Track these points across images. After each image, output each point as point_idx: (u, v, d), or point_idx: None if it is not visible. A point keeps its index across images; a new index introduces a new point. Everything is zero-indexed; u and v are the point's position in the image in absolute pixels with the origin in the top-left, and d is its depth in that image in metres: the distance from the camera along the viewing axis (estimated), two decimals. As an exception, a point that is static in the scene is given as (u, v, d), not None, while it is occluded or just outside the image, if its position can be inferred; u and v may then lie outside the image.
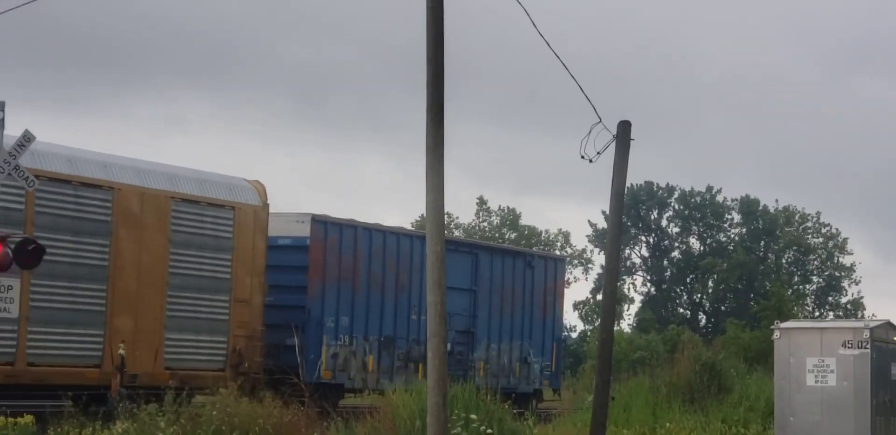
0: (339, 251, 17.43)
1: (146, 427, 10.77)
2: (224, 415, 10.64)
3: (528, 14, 8.15)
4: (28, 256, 11.62)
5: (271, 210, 16.93)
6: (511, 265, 21.19)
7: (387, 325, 18.23)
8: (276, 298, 16.56)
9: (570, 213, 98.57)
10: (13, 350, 13.04)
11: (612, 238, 11.43)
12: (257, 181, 16.68)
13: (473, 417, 9.93)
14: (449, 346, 18.99)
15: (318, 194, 76.82)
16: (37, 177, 12.69)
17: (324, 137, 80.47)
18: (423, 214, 40.01)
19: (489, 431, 9.94)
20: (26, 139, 12.44)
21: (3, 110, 12.03)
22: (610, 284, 11.31)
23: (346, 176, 77.74)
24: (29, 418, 12.14)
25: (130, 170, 14.92)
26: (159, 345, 14.58)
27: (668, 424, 15.02)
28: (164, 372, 14.39)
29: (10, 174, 11.99)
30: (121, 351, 14.12)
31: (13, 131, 11.46)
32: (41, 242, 12.26)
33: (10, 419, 11.81)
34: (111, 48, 60.20)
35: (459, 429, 9.60)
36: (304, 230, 16.90)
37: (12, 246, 11.53)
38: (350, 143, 75.95)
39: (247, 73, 70.19)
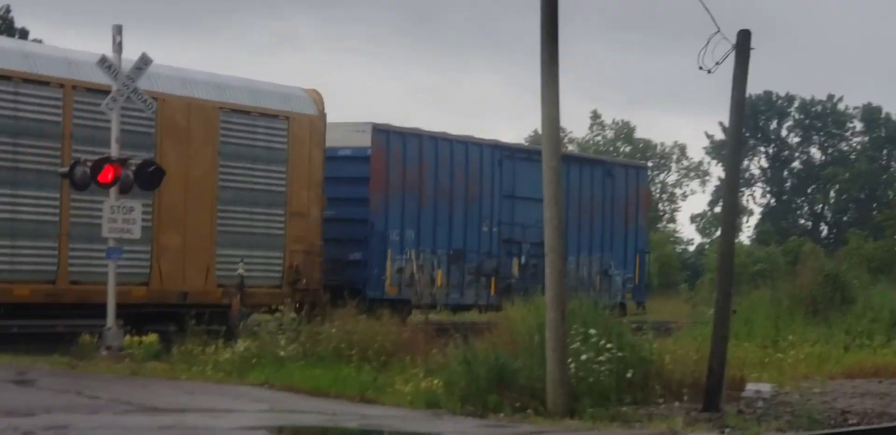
0: (404, 162, 16.66)
1: (266, 345, 10.94)
2: (343, 333, 10.78)
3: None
4: (148, 177, 11.93)
5: (335, 120, 16.43)
6: (589, 174, 20.00)
7: (456, 237, 17.37)
8: (337, 211, 15.77)
9: (686, 125, 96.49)
10: (54, 268, 12.67)
11: (732, 150, 11.31)
12: (314, 90, 15.88)
13: (592, 331, 9.27)
14: (524, 258, 17.84)
15: (431, 112, 78.27)
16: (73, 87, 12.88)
17: (436, 54, 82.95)
18: (536, 130, 42.78)
19: (608, 345, 9.19)
20: (144, 62, 12.36)
21: (120, 34, 12.25)
22: (730, 196, 11.08)
23: (458, 93, 77.86)
24: (153, 337, 12.26)
25: (176, 80, 14.16)
26: (210, 261, 14.08)
27: (790, 337, 14.39)
28: (217, 290, 14.02)
29: (129, 97, 11.94)
30: (240, 270, 13.82)
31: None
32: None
33: (136, 338, 12.06)
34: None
35: (578, 344, 9.02)
36: (366, 140, 16.13)
37: (133, 168, 11.81)
38: (462, 60, 77.45)
39: None
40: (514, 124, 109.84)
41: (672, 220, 56.80)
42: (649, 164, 26.54)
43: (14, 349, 12.01)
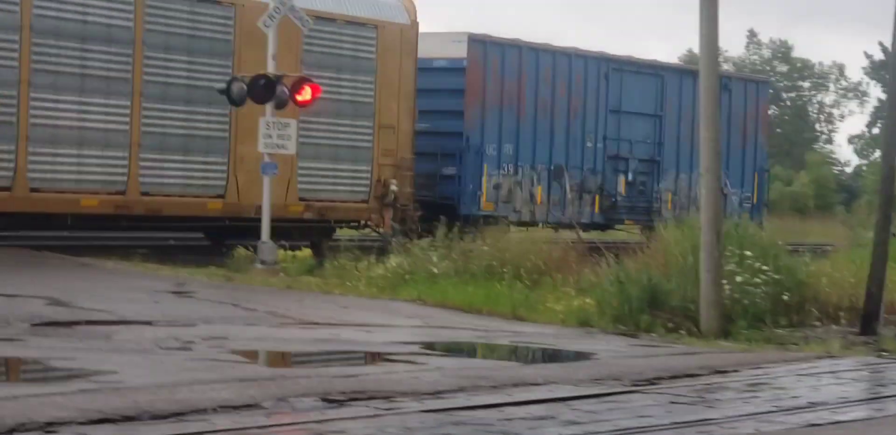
0: (502, 74, 16.41)
1: (419, 262, 11.20)
2: (495, 250, 11.10)
3: None
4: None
5: (432, 29, 17.61)
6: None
7: (557, 153, 17.14)
8: (432, 124, 15.78)
9: (845, 44, 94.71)
10: (124, 178, 12.41)
11: (894, 70, 11.23)
12: (409, 0, 15.58)
13: (748, 253, 9.45)
14: (630, 175, 17.67)
15: (581, 29, 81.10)
16: None
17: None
18: (691, 49, 43.48)
19: (764, 267, 9.37)
20: None
21: None
22: (891, 117, 10.62)
23: (611, 10, 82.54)
24: (307, 252, 13.11)
25: None
26: (291, 174, 13.64)
27: None
28: (299, 203, 13.80)
29: (286, 14, 12.24)
30: (393, 187, 13.90)
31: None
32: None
33: (290, 252, 12.69)
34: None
35: (733, 265, 9.16)
36: (461, 51, 16.02)
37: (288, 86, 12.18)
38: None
39: None
40: (669, 43, 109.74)
41: (829, 141, 56.46)
42: (770, 79, 25.24)
43: (173, 261, 12.35)
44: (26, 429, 3.58)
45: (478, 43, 16.19)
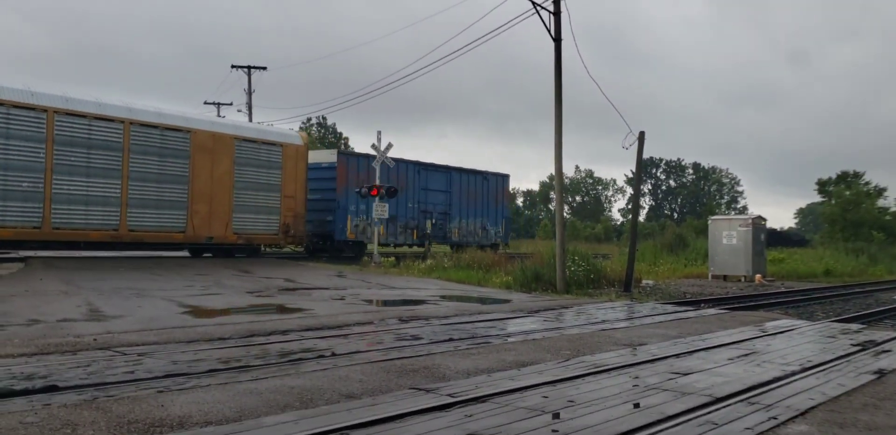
0: (357, 170, 27.70)
1: (438, 262, 23.40)
2: (470, 257, 23.06)
3: None
4: (390, 193, 25.91)
5: (328, 148, 29.67)
6: (474, 179, 34.06)
7: (391, 209, 27.85)
8: (323, 195, 27.07)
9: (617, 171, 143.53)
10: (118, 222, 20.09)
11: (637, 182, 21.91)
12: (303, 132, 28.97)
13: (576, 257, 19.85)
14: (434, 220, 33.06)
15: None
16: (141, 124, 20.78)
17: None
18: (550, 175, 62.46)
19: (582, 263, 19.20)
20: (388, 145, 26.18)
21: (379, 133, 25.90)
22: (635, 204, 35.89)
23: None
24: (392, 259, 26.52)
25: (205, 123, 22.85)
26: (229, 220, 22.55)
27: (660, 261, 30.40)
28: (234, 235, 22.74)
29: (383, 159, 26.08)
30: (428, 230, 30.29)
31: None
32: (137, 162, 20.45)
33: (387, 258, 26.52)
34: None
35: (570, 262, 18.80)
36: (334, 158, 27.82)
37: (384, 189, 25.53)
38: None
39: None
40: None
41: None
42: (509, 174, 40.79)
43: (330, 260, 25.91)
44: (276, 333, 9.09)
45: (342, 154, 28.18)
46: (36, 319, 9.73)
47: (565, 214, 35.51)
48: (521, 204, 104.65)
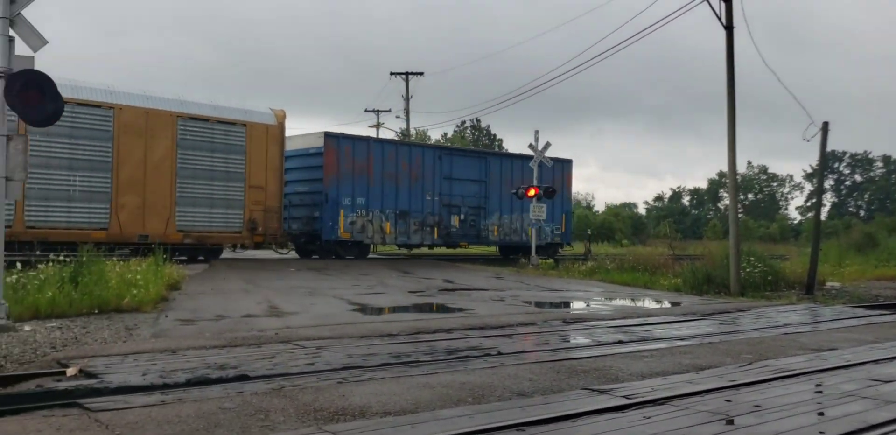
0: (353, 156, 23.00)
1: (600, 264, 22.35)
2: (634, 258, 22.25)
3: None
4: (548, 193, 25.13)
5: (312, 131, 23.31)
6: (520, 166, 27.56)
7: (402, 203, 24.26)
8: (311, 187, 22.70)
9: (794, 168, 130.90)
10: (11, 217, 15.84)
11: (820, 179, 26.46)
12: (281, 110, 21.08)
13: (752, 258, 18.38)
14: (463, 215, 26.71)
15: None
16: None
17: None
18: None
19: (758, 264, 18.09)
20: (546, 144, 24.93)
21: (537, 133, 25.18)
22: (818, 198, 34.95)
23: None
24: (550, 261, 25.71)
25: (136, 97, 18.43)
26: (170, 215, 18.50)
27: (847, 261, 26.88)
28: (178, 233, 18.62)
29: (541, 158, 25.17)
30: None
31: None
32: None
33: (544, 260, 25.64)
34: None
35: (745, 263, 17.73)
36: (320, 142, 22.60)
37: (542, 189, 25.01)
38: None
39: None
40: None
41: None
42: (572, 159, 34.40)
43: (490, 265, 24.65)
44: (441, 331, 9.19)
45: (331, 137, 22.61)
46: (222, 315, 10.44)
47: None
48: (686, 203, 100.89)
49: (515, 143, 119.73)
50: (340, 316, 10.68)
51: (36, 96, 8.42)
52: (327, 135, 22.72)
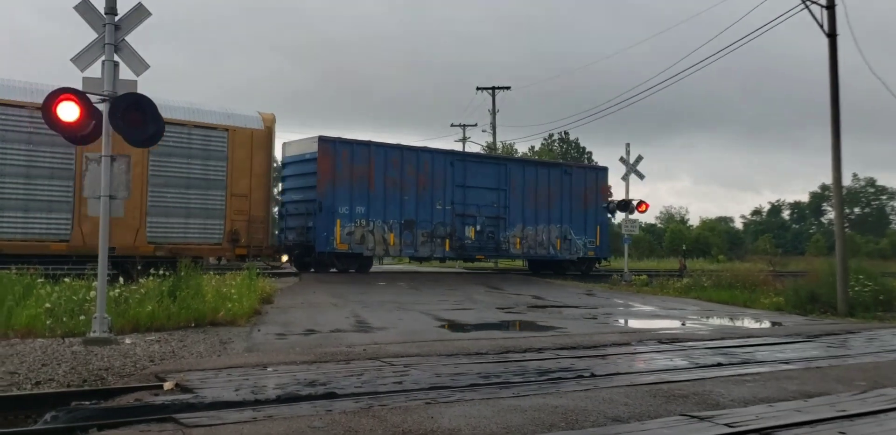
0: (351, 161, 21.13)
1: (695, 281, 21.49)
2: (732, 275, 21.13)
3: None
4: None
5: (305, 136, 21.76)
6: (547, 173, 25.80)
7: (408, 212, 22.24)
8: (304, 195, 21.26)
9: None
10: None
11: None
12: (269, 113, 19.37)
13: (861, 276, 17.05)
14: (479, 226, 24.23)
15: None
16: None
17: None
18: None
19: (869, 282, 16.88)
20: (640, 159, 25.71)
21: (628, 146, 25.44)
22: None
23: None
24: (644, 277, 23.90)
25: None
26: (140, 225, 16.85)
27: None
28: (148, 245, 16.98)
29: (631, 171, 25.51)
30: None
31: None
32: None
33: (639, 276, 23.96)
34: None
35: (853, 281, 16.57)
36: (314, 148, 20.98)
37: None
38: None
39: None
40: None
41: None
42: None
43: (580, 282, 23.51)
44: (531, 350, 8.93)
45: (326, 142, 20.77)
46: (312, 329, 10.55)
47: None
48: (787, 217, 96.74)
49: (605, 156, 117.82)
50: (428, 332, 10.61)
51: (138, 118, 8.75)
52: (322, 139, 21.01)
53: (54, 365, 7.35)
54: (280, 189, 24.05)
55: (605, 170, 28.05)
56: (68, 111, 8.55)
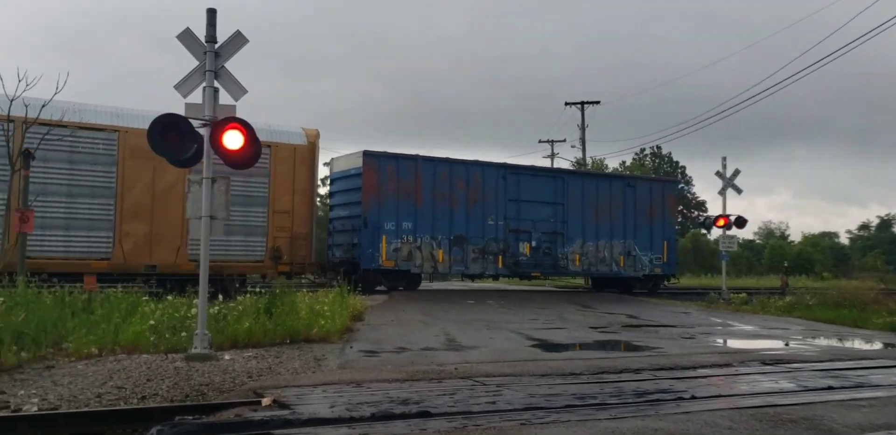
0: (398, 176, 20.88)
1: (799, 299, 20.66)
2: (839, 293, 20.42)
3: None
4: (739, 223, 23.74)
5: (348, 151, 21.71)
6: (608, 186, 25.12)
7: (458, 227, 21.80)
8: (350, 211, 21.11)
9: None
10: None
11: None
12: (312, 129, 19.38)
13: None
14: (534, 242, 23.53)
15: None
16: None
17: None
18: None
19: None
20: (736, 175, 23.91)
21: (725, 162, 23.69)
22: None
23: None
24: (744, 295, 22.94)
25: (140, 118, 16.69)
26: (181, 243, 16.92)
27: None
28: (189, 263, 16.80)
29: (728, 185, 23.89)
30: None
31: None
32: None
33: (736, 295, 23.01)
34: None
35: None
36: (359, 163, 20.82)
37: (732, 218, 23.67)
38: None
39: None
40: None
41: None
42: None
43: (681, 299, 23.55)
44: (627, 371, 8.55)
45: (371, 156, 20.66)
46: (403, 347, 10.59)
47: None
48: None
49: (700, 171, 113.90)
50: (519, 352, 10.48)
51: (237, 141, 9.07)
52: (366, 153, 20.86)
53: (158, 380, 7.62)
54: (328, 205, 24.03)
55: (673, 183, 27.28)
56: (173, 136, 8.96)
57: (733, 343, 12.78)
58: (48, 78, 31.60)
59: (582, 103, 46.52)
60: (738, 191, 23.94)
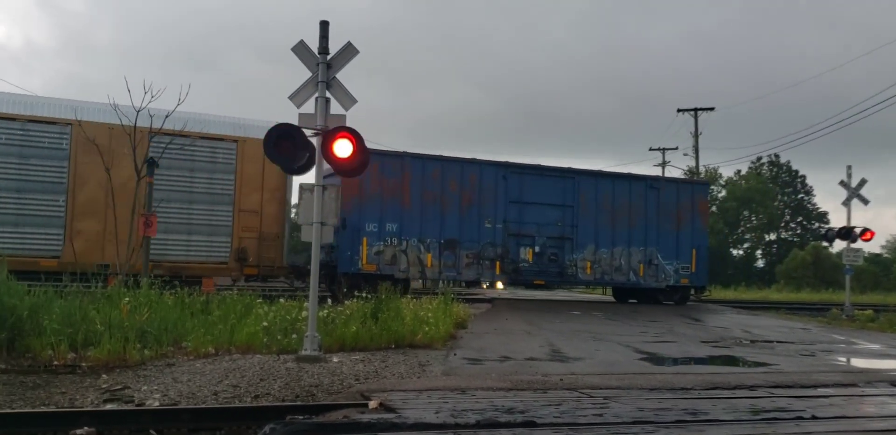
0: (381, 174, 19.27)
1: (891, 325, 19.06)
2: None
3: None
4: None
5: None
6: (628, 187, 22.74)
7: (450, 230, 20.13)
8: None
9: None
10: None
11: None
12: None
13: None
14: (538, 248, 21.44)
15: None
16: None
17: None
18: None
19: None
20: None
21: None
22: None
23: None
24: (870, 312, 21.77)
25: (100, 111, 16.13)
26: (136, 242, 15.14)
27: None
28: (147, 263, 15.39)
29: (853, 195, 22.69)
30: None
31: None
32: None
33: (860, 311, 22.09)
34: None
35: None
36: None
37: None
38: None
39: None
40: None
41: None
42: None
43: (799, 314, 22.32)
44: (741, 387, 8.20)
45: None
46: (507, 356, 10.53)
47: None
48: None
49: (822, 181, 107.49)
50: (627, 365, 10.22)
51: (349, 150, 9.32)
52: None
53: (270, 380, 7.88)
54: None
55: (704, 185, 25.09)
56: (287, 144, 9.29)
57: (858, 362, 12.03)
58: (171, 90, 33.46)
59: (695, 110, 45.20)
60: (865, 202, 22.54)
